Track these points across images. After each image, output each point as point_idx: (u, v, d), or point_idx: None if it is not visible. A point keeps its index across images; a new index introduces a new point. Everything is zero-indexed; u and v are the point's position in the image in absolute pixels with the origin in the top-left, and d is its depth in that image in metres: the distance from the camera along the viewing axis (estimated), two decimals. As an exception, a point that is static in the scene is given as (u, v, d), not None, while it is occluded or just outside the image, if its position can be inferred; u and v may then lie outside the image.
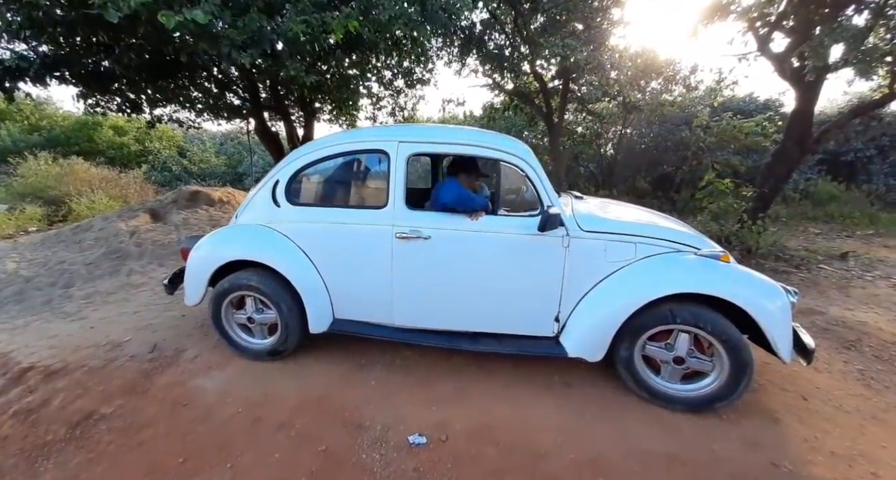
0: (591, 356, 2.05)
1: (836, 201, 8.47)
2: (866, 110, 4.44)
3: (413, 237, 2.10)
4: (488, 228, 2.07)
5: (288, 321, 2.28)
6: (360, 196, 2.46)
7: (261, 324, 2.40)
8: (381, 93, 7.32)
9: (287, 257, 2.24)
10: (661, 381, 2.05)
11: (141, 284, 3.70)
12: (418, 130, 2.32)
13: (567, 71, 5.66)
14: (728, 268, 1.99)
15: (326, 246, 2.24)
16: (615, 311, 1.97)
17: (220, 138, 16.38)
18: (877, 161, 9.00)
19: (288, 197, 2.29)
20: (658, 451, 1.78)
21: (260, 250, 2.27)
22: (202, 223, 5.29)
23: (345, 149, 2.26)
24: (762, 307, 1.84)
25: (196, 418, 1.95)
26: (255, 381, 2.22)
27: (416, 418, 1.96)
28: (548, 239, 2.02)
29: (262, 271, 2.28)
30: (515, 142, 2.22)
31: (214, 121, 6.97)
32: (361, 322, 2.32)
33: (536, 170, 2.07)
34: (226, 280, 2.34)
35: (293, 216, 2.27)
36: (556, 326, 2.13)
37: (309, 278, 2.24)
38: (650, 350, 2.04)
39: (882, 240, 6.30)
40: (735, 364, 1.88)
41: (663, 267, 1.99)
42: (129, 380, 2.25)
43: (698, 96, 9.49)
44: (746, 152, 8.68)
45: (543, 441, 1.82)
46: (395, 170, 2.12)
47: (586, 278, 2.07)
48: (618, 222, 2.14)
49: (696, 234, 2.25)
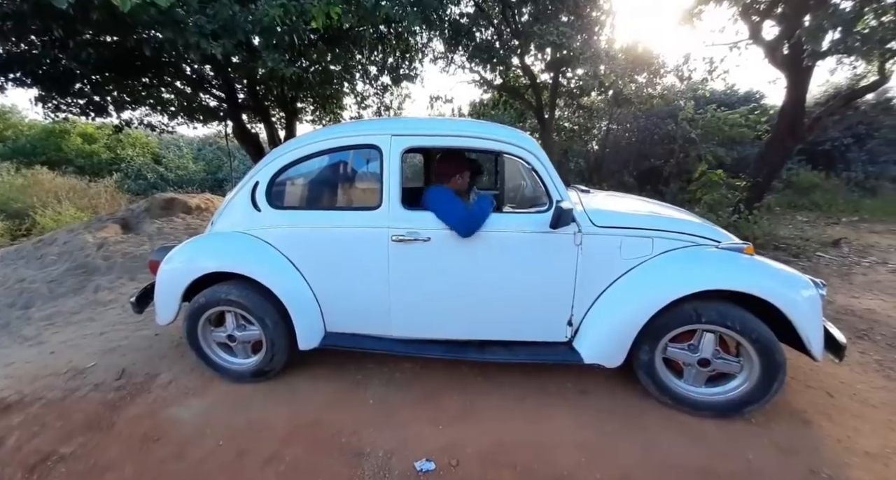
0: (610, 362, 1.89)
1: (819, 189, 8.62)
2: (857, 96, 4.44)
3: (411, 239, 1.90)
4: (494, 227, 1.89)
5: (274, 338, 2.05)
6: (351, 196, 2.24)
7: (243, 342, 2.16)
8: (366, 90, 7.09)
9: (271, 267, 2.01)
10: (685, 385, 1.90)
11: (109, 302, 3.39)
12: (413, 123, 2.12)
13: (558, 63, 5.54)
14: (753, 262, 1.84)
15: (315, 253, 2.02)
16: (635, 313, 1.80)
17: (198, 143, 15.80)
18: (854, 149, 9.21)
19: (269, 200, 2.06)
20: (690, 466, 1.62)
21: (240, 260, 2.04)
22: (178, 232, 4.95)
23: (331, 145, 2.04)
24: (794, 302, 1.70)
25: (169, 456, 1.70)
26: (239, 408, 1.98)
27: (422, 440, 1.76)
28: (559, 236, 1.85)
29: (243, 283, 2.04)
30: (519, 133, 2.04)
31: (190, 125, 6.63)
32: (356, 334, 2.10)
33: (544, 163, 1.90)
34: (201, 294, 2.09)
35: (276, 221, 2.05)
36: (570, 330, 1.96)
37: (296, 289, 2.02)
38: (672, 352, 1.89)
39: (868, 225, 6.39)
40: (766, 364, 1.74)
41: (685, 263, 1.84)
42: (92, 413, 1.98)
43: (681, 90, 9.56)
44: (731, 144, 8.77)
45: (565, 461, 1.65)
46: (389, 167, 1.92)
47: (601, 277, 1.91)
48: (632, 216, 1.99)
49: (714, 226, 2.12)
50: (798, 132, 4.48)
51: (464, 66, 7.04)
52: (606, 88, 6.11)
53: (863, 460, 1.63)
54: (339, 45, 4.38)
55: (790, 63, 4.12)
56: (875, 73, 4.05)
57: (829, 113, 4.62)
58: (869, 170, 8.98)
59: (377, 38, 5.31)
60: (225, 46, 2.76)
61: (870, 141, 9.09)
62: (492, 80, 7.47)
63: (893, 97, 9.08)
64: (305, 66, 4.51)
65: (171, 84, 5.16)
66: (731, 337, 1.78)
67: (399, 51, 5.90)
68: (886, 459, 1.64)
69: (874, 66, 4.03)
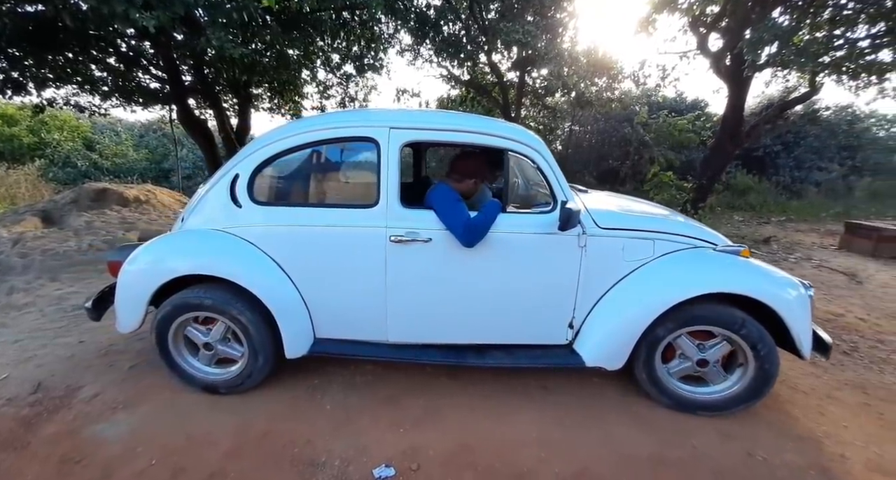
0: (612, 364, 1.87)
1: (753, 192, 9.47)
2: (791, 106, 4.89)
3: (411, 240, 1.80)
4: (499, 227, 1.82)
5: (257, 347, 1.88)
6: (345, 192, 2.10)
7: (216, 354, 1.97)
8: (329, 80, 6.77)
9: (254, 269, 1.83)
10: (683, 386, 1.92)
11: (24, 305, 2.98)
12: (413, 115, 1.99)
13: (524, 62, 5.61)
14: (751, 265, 1.88)
15: (303, 253, 1.85)
16: (639, 315, 1.80)
17: (140, 129, 14.42)
18: (783, 156, 10.20)
19: (251, 195, 1.86)
20: (642, 454, 1.69)
21: (218, 261, 1.84)
22: (111, 226, 4.47)
23: (323, 136, 1.87)
24: (789, 305, 1.75)
25: (91, 479, 1.51)
26: (177, 421, 1.80)
27: (382, 446, 1.69)
28: (564, 238, 1.81)
29: (220, 286, 1.85)
30: (525, 130, 1.97)
31: (127, 107, 5.98)
32: (349, 340, 1.97)
33: (549, 162, 1.84)
34: (173, 299, 1.87)
35: (259, 218, 1.86)
36: (570, 333, 1.94)
37: (283, 293, 1.85)
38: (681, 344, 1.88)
39: (794, 224, 7.11)
40: (762, 366, 1.80)
41: (689, 266, 1.85)
42: (4, 432, 1.72)
43: (636, 95, 10.09)
44: (680, 148, 9.41)
45: (526, 458, 1.65)
46: (387, 162, 1.79)
47: (603, 279, 1.89)
48: (634, 217, 1.99)
49: (707, 229, 2.15)
50: (738, 139, 4.86)
51: (431, 60, 6.95)
52: (569, 90, 6.28)
53: (796, 444, 1.76)
54: (298, 28, 4.10)
55: (732, 74, 4.44)
56: (806, 85, 4.46)
57: (765, 121, 5.05)
58: (795, 174, 9.99)
59: (340, 24, 5.07)
60: (159, 19, 2.45)
61: (797, 148, 10.11)
62: (459, 75, 7.44)
63: (819, 108, 10.14)
64: (259, 48, 4.20)
65: (102, 60, 4.60)
66: (735, 339, 1.81)
67: (364, 39, 5.68)
68: (817, 442, 1.78)
69: (805, 79, 4.44)
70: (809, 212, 7.98)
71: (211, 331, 1.94)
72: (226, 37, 2.81)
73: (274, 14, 3.82)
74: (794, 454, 1.71)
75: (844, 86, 5.17)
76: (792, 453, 1.72)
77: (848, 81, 4.87)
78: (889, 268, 4.41)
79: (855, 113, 10.43)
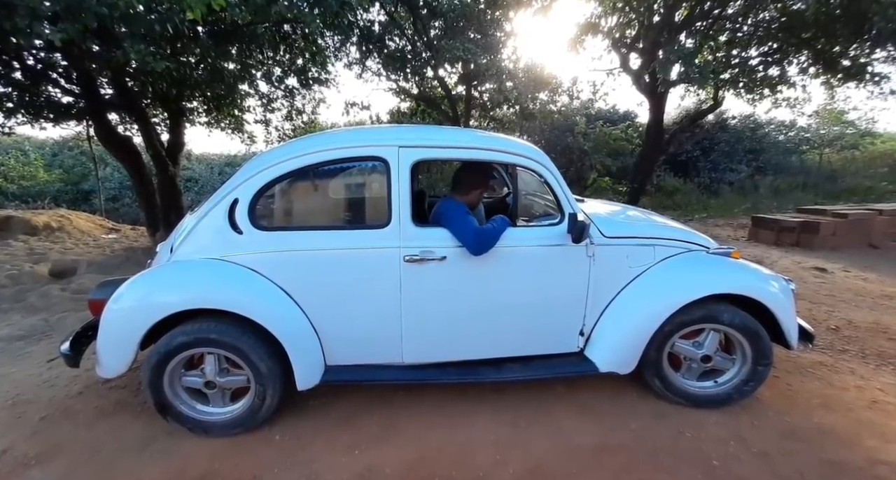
0: (624, 368, 1.94)
1: (679, 192, 10.52)
2: (701, 117, 5.54)
3: (425, 259, 1.78)
4: (510, 242, 1.84)
5: (265, 381, 1.75)
6: (354, 213, 2.03)
7: (224, 389, 1.82)
8: (273, 93, 6.55)
9: (261, 298, 1.72)
10: (689, 382, 2.03)
11: None
12: (421, 132, 1.98)
13: (470, 76, 5.83)
14: (743, 266, 2.02)
15: (314, 279, 1.77)
16: (648, 319, 1.89)
17: (53, 147, 12.88)
18: (702, 160, 11.48)
19: (253, 220, 1.75)
20: (588, 444, 1.79)
21: (220, 292, 1.71)
22: (17, 259, 3.93)
23: (328, 156, 1.80)
24: (778, 301, 1.89)
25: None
26: (103, 473, 1.61)
27: (336, 470, 1.64)
28: (573, 248, 1.87)
29: (221, 319, 1.71)
30: (532, 146, 2.03)
31: (35, 125, 5.35)
32: (362, 365, 1.89)
33: (555, 175, 1.90)
34: (167, 337, 1.69)
35: (263, 244, 1.75)
36: (581, 340, 2.01)
37: (292, 321, 1.76)
38: (680, 349, 2.00)
39: (713, 220, 7.96)
40: (757, 359, 1.92)
41: (689, 269, 1.96)
42: None
43: (575, 108, 10.88)
44: (615, 155, 10.26)
45: (482, 462, 1.69)
46: (398, 181, 1.76)
47: (610, 286, 1.97)
48: (635, 225, 2.10)
49: (696, 232, 2.24)
50: (660, 146, 5.42)
51: (380, 74, 7.00)
52: (513, 103, 6.63)
53: (718, 418, 1.96)
54: (232, 41, 3.95)
55: (651, 89, 4.96)
56: (712, 98, 5.10)
57: (682, 130, 5.68)
58: (712, 176, 11.27)
59: (280, 37, 4.95)
60: (68, 32, 2.25)
61: (712, 153, 11.43)
62: (409, 89, 7.55)
63: (727, 117, 11.57)
64: (189, 61, 3.98)
65: (5, 75, 4.10)
66: (733, 335, 1.93)
67: (308, 53, 5.59)
68: (736, 414, 1.99)
69: (710, 92, 5.07)
70: (725, 209, 8.99)
71: (205, 370, 1.78)
72: (147, 50, 2.61)
73: (205, 26, 3.66)
74: (716, 426, 1.90)
75: (743, 99, 6.04)
76: (715, 426, 1.90)
77: (745, 94, 5.70)
78: (789, 255, 5.09)
79: (756, 120, 12.05)
